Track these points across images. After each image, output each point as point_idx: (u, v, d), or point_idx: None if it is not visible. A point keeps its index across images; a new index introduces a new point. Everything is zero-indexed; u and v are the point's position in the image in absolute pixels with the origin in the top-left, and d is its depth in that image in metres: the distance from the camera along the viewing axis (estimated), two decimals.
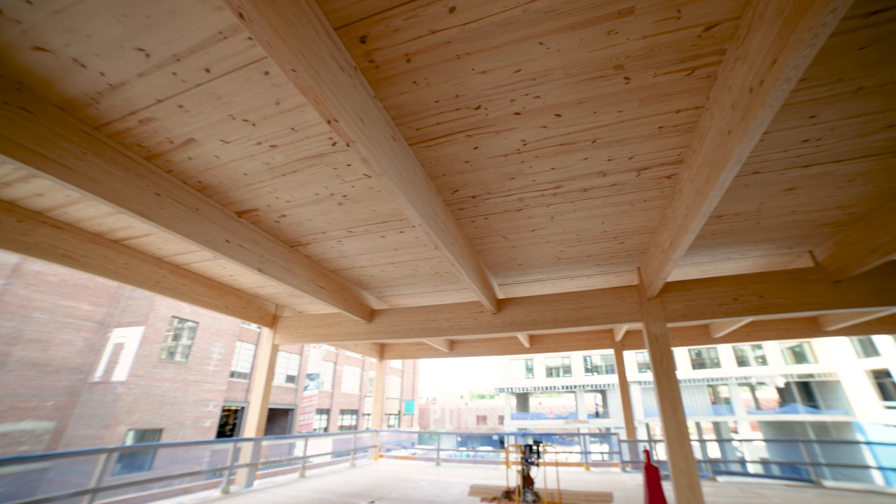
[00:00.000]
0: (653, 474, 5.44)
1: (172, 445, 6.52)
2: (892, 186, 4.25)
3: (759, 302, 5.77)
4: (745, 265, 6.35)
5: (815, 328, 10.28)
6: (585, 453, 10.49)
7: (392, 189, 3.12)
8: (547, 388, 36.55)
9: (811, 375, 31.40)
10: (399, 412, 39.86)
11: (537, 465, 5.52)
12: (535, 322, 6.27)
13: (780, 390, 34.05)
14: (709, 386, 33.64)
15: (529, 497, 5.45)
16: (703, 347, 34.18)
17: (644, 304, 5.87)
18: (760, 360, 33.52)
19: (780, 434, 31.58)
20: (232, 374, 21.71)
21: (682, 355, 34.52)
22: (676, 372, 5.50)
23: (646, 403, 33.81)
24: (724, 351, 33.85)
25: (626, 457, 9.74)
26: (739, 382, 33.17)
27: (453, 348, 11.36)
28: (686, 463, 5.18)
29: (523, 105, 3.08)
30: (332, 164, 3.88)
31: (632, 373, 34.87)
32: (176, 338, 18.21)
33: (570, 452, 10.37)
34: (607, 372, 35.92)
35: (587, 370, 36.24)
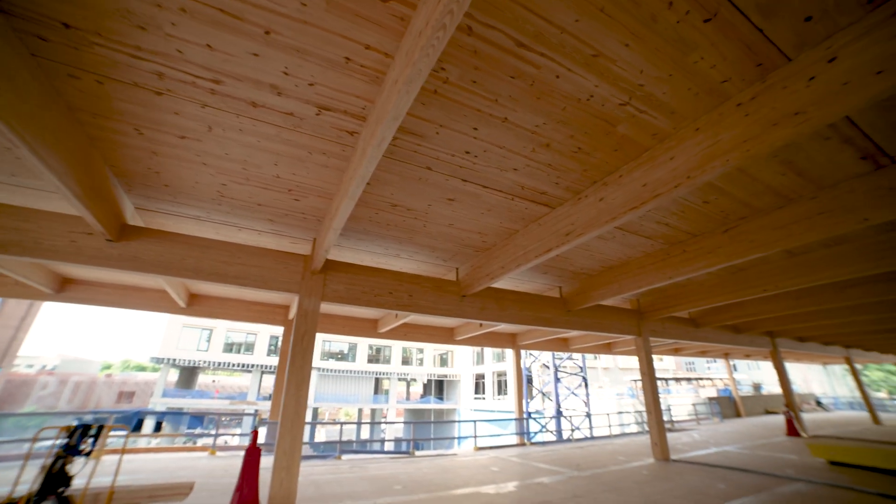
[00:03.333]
0: (252, 456, 4.90)
1: None
2: (509, 227, 5.49)
3: (409, 300, 6.44)
4: (411, 266, 7.08)
5: (450, 337, 13.13)
6: (216, 436, 9.27)
7: None
8: (223, 364, 32.36)
9: (445, 376, 42.54)
10: None
11: (89, 454, 3.92)
12: (170, 265, 4.74)
13: (424, 385, 43.49)
14: (377, 378, 38.78)
15: None
16: (381, 345, 39.41)
17: (306, 278, 5.45)
18: (420, 361, 41.90)
19: (417, 419, 39.81)
20: None
21: (362, 349, 38.43)
22: (313, 354, 5.27)
23: (321, 389, 35.36)
24: (396, 350, 40.23)
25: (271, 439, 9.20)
26: (400, 377, 40.10)
27: (64, 289, 7.81)
28: (292, 444, 4.90)
29: None
30: None
31: (315, 358, 35.90)
32: None
33: (215, 434, 8.96)
34: None
35: (271, 351, 34.64)
